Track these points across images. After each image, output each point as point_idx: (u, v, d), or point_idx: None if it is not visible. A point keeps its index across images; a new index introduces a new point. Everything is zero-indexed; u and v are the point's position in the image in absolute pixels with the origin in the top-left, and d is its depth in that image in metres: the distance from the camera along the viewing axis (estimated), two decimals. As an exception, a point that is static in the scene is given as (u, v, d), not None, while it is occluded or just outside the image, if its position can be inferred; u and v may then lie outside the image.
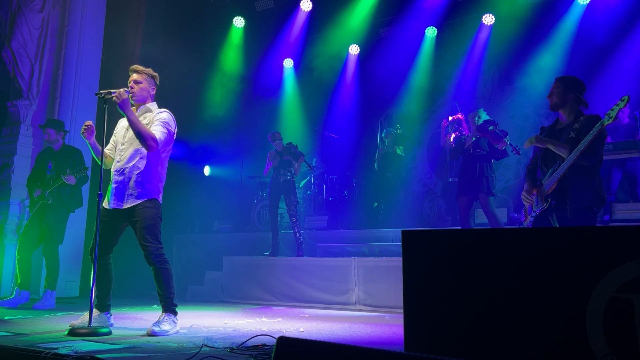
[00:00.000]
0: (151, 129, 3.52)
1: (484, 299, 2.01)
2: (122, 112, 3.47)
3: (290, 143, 6.74)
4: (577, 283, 1.82)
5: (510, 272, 1.99)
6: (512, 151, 5.19)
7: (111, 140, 3.78)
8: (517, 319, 1.91)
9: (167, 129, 3.55)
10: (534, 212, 3.41)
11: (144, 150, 3.54)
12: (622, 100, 3.16)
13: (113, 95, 3.46)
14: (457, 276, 2.12)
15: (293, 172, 6.57)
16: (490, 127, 5.19)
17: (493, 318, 1.97)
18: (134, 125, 3.45)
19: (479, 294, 2.03)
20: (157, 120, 3.58)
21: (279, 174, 6.55)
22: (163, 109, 3.70)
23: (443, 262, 2.18)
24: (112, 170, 3.63)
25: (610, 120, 3.17)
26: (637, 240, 1.75)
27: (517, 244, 2.03)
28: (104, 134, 3.56)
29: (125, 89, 3.59)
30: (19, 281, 5.05)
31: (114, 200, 3.53)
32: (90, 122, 3.63)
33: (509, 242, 2.08)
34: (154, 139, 3.45)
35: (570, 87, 3.43)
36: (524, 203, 3.53)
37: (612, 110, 3.15)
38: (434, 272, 2.20)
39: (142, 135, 3.44)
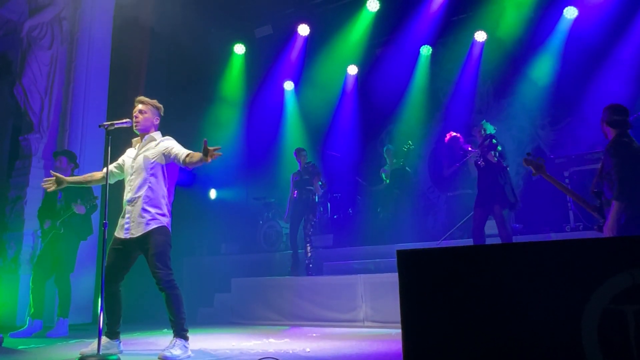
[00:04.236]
0: (172, 149, 3.71)
1: (480, 315, 2.04)
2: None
3: (310, 162, 6.87)
4: (571, 296, 1.86)
5: (504, 287, 2.02)
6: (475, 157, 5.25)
7: (118, 161, 3.94)
8: (514, 334, 1.95)
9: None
10: None
11: (152, 179, 3.69)
12: None
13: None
14: (452, 293, 2.16)
15: (314, 191, 6.69)
16: (486, 141, 5.28)
17: (490, 334, 2.00)
18: (197, 164, 3.60)
19: (474, 311, 2.06)
20: (167, 143, 3.76)
21: (300, 193, 6.68)
22: (167, 137, 3.86)
23: (438, 280, 2.22)
24: (124, 200, 3.76)
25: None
26: (628, 251, 1.81)
27: (510, 259, 2.08)
28: (107, 163, 3.72)
29: (128, 119, 3.77)
30: (32, 311, 5.18)
31: (127, 229, 3.66)
32: (44, 183, 3.90)
33: (502, 258, 2.14)
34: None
35: (603, 117, 3.67)
36: None
37: None
38: (430, 290, 2.24)
39: (196, 165, 3.63)
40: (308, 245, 6.53)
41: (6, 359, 3.58)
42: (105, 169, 3.88)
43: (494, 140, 5.26)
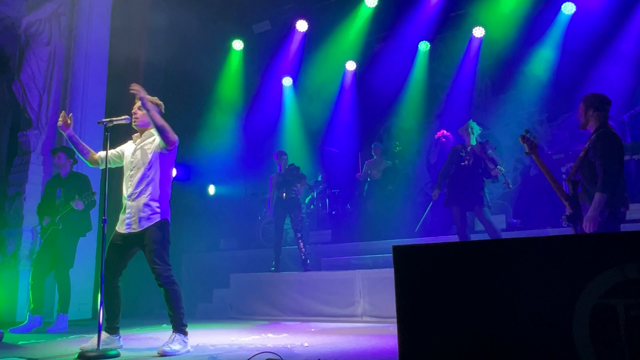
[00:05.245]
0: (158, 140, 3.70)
1: (474, 309, 2.07)
2: (145, 108, 3.62)
3: (293, 165, 6.89)
4: (563, 290, 1.88)
5: (497, 282, 2.05)
6: (503, 183, 5.28)
7: (117, 150, 3.94)
8: (507, 328, 1.97)
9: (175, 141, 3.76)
10: None
11: (151, 174, 3.70)
12: None
13: (135, 87, 3.60)
14: (446, 289, 2.19)
15: (297, 191, 6.74)
16: (490, 151, 5.30)
17: (483, 328, 2.03)
18: (158, 120, 3.60)
19: (468, 306, 2.09)
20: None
21: (280, 193, 6.71)
22: None
23: (433, 275, 2.25)
24: (124, 195, 3.78)
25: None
26: (618, 246, 1.84)
27: (503, 255, 2.11)
28: (106, 160, 3.73)
29: (127, 116, 3.78)
30: (32, 307, 5.20)
31: (128, 225, 3.68)
32: (62, 116, 3.83)
33: (495, 253, 2.17)
34: (173, 134, 3.67)
35: (589, 104, 3.58)
36: None
37: None
38: (425, 285, 2.27)
39: (164, 128, 3.61)
40: (300, 241, 6.57)
41: (6, 354, 3.61)
42: (102, 153, 3.89)
43: (494, 157, 5.29)
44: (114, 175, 4.09)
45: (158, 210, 3.68)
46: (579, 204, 3.55)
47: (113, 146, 3.80)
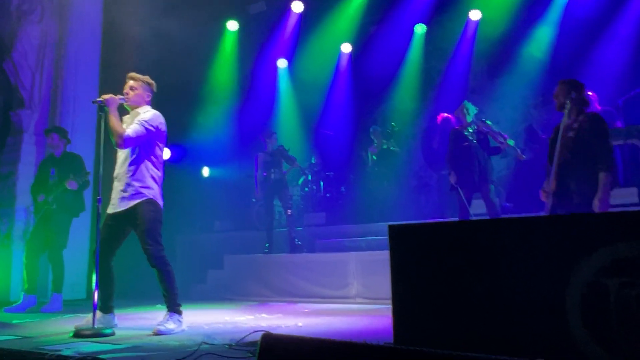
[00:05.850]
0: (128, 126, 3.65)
1: (468, 289, 2.09)
2: (105, 108, 3.59)
3: (282, 146, 6.87)
4: (555, 270, 1.91)
5: (492, 261, 2.07)
6: (515, 156, 5.31)
7: None
8: (500, 308, 2.00)
9: (143, 126, 3.62)
10: None
11: (133, 153, 3.65)
12: None
13: (104, 96, 3.59)
14: (442, 268, 2.21)
15: (284, 171, 6.75)
16: (494, 126, 5.32)
17: (477, 308, 2.06)
18: (108, 122, 3.57)
19: (463, 285, 2.11)
20: (138, 118, 3.68)
21: (270, 172, 6.71)
22: (150, 110, 3.78)
23: (428, 254, 2.27)
24: (113, 176, 3.76)
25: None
26: (610, 226, 1.86)
27: (497, 235, 2.13)
28: (102, 140, 3.69)
29: (121, 95, 3.73)
30: (26, 286, 5.21)
31: (114, 204, 3.68)
32: None
33: (490, 233, 2.18)
34: (120, 135, 3.55)
35: (572, 87, 3.75)
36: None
37: None
38: (420, 264, 2.29)
39: (110, 131, 3.57)
40: (291, 220, 6.60)
41: (0, 333, 3.62)
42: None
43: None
44: (108, 155, 4.05)
45: (142, 189, 3.64)
46: (566, 185, 3.61)
47: (106, 124, 3.74)
